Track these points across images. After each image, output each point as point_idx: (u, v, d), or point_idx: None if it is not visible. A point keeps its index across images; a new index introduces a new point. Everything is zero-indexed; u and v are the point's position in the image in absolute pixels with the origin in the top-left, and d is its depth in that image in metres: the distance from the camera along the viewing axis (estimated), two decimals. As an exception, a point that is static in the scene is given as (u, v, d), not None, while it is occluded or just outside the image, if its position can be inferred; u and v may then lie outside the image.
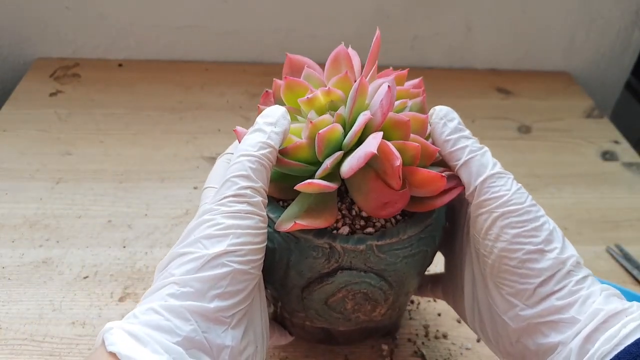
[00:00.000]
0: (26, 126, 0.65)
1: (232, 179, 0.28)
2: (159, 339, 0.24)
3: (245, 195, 0.27)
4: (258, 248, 0.28)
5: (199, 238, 0.27)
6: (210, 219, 0.27)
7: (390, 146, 0.28)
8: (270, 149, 0.29)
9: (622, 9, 0.77)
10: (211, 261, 0.26)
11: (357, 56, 0.34)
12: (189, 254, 0.26)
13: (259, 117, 0.30)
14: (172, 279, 0.26)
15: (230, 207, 0.27)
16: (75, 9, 0.72)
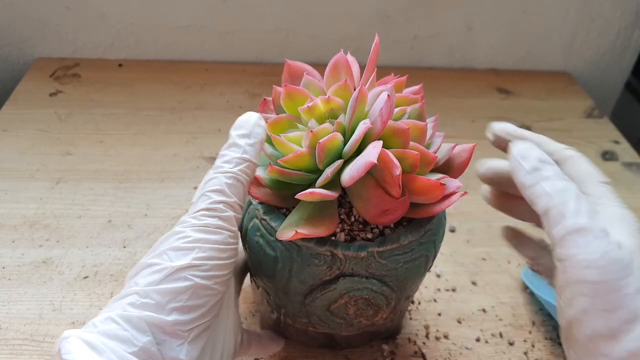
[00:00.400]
0: (26, 126, 0.65)
1: (206, 193, 0.28)
2: (115, 349, 0.24)
3: (217, 209, 0.28)
4: (224, 264, 0.28)
5: (166, 250, 0.27)
6: (180, 231, 0.27)
7: (390, 155, 0.28)
8: (246, 164, 0.29)
9: (622, 9, 0.77)
10: (174, 274, 0.26)
11: (356, 63, 0.34)
12: (155, 265, 0.26)
13: (232, 129, 0.30)
14: (135, 289, 0.26)
15: (200, 220, 0.27)
16: (75, 9, 0.72)
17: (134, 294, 0.26)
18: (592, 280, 0.24)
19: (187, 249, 0.27)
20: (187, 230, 0.27)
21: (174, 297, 0.26)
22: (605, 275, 0.24)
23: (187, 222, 0.28)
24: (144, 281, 0.26)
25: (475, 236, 0.55)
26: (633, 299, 0.24)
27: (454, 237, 0.55)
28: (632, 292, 0.24)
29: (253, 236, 0.34)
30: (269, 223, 0.33)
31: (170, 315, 0.25)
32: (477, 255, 0.53)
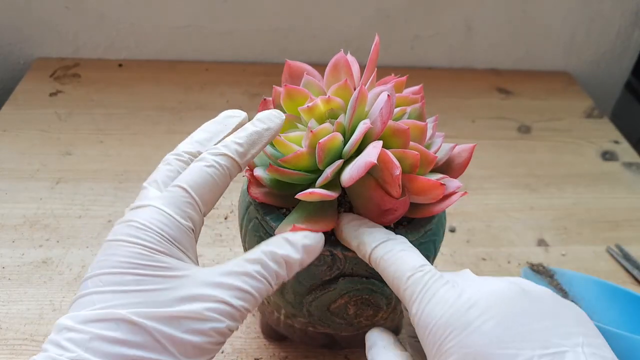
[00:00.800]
0: (26, 126, 0.65)
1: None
2: None
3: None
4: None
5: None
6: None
7: (390, 155, 0.28)
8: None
9: (622, 9, 0.77)
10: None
11: (357, 63, 0.34)
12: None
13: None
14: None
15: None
16: (75, 9, 0.72)
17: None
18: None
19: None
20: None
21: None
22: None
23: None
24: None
25: (475, 236, 0.55)
26: None
27: (454, 237, 0.55)
28: None
29: (253, 236, 0.34)
30: (269, 223, 0.33)
31: None
32: (477, 255, 0.53)
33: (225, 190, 0.30)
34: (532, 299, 0.25)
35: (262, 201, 0.33)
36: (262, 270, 0.27)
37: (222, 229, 0.53)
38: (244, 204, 0.36)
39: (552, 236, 0.56)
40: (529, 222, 0.57)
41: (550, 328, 0.24)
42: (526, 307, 0.25)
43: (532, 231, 0.56)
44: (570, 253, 0.54)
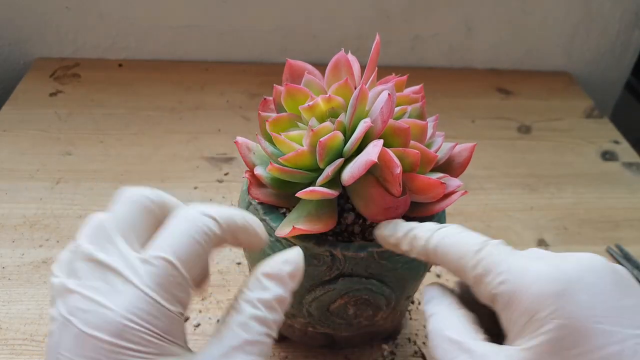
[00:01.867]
0: (26, 126, 0.65)
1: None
2: None
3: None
4: None
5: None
6: None
7: (391, 154, 0.28)
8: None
9: (622, 9, 0.77)
10: None
11: (357, 62, 0.34)
12: None
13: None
14: None
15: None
16: (75, 9, 0.72)
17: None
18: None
19: None
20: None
21: None
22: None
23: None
24: None
25: (476, 236, 0.55)
26: None
27: (454, 237, 0.55)
28: None
29: (253, 236, 0.34)
30: (269, 224, 0.33)
31: None
32: (477, 255, 0.53)
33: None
34: (618, 274, 0.24)
35: (262, 201, 0.33)
36: (260, 328, 0.24)
37: (222, 229, 0.53)
38: (244, 204, 0.36)
39: (552, 236, 0.56)
40: (529, 222, 0.57)
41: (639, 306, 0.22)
42: (616, 281, 0.23)
43: (532, 231, 0.56)
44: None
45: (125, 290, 0.21)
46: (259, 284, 0.24)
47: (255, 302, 0.24)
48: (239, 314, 0.24)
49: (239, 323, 0.23)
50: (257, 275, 0.25)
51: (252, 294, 0.24)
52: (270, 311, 0.24)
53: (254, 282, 0.25)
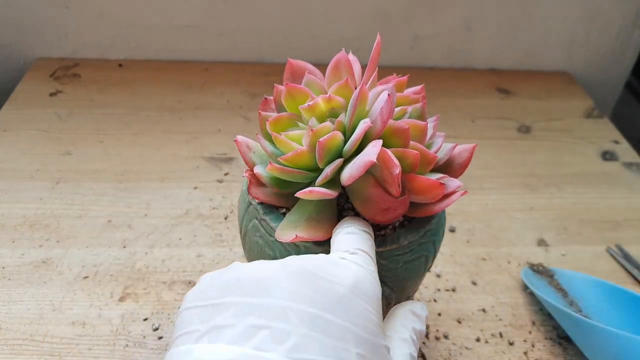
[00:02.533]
0: (26, 126, 0.65)
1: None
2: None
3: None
4: None
5: None
6: None
7: (390, 154, 0.28)
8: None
9: (622, 9, 0.77)
10: None
11: (358, 62, 0.34)
12: None
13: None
14: None
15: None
16: (75, 9, 0.72)
17: None
18: None
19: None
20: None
21: None
22: None
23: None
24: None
25: (475, 236, 0.55)
26: None
27: (454, 237, 0.55)
28: None
29: (252, 236, 0.34)
30: (269, 224, 0.33)
31: None
32: (477, 255, 0.53)
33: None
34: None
35: (262, 201, 0.33)
36: (414, 351, 0.28)
37: (222, 229, 0.53)
38: (244, 204, 0.36)
39: (552, 236, 0.56)
40: (529, 222, 0.58)
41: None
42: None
43: (532, 231, 0.56)
44: (570, 253, 0.54)
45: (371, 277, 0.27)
46: (411, 318, 0.29)
47: (415, 331, 0.29)
48: (400, 331, 0.28)
49: (402, 339, 0.28)
50: (409, 312, 0.30)
51: (409, 324, 0.29)
52: (418, 340, 0.29)
53: (407, 316, 0.29)
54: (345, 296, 0.24)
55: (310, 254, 0.27)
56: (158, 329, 0.43)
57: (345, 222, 0.31)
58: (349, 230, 0.29)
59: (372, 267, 0.28)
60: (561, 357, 0.44)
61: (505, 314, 0.47)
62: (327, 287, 0.24)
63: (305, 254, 0.32)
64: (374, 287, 0.26)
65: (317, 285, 0.24)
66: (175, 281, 0.48)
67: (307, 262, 0.25)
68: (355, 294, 0.24)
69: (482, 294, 0.49)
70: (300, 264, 0.25)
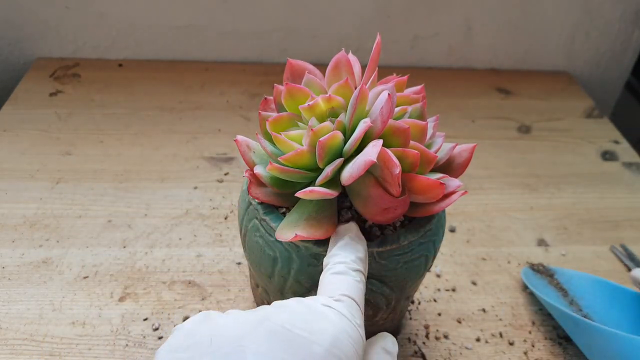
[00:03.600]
0: (26, 126, 0.65)
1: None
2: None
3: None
4: None
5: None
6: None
7: (390, 154, 0.28)
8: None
9: (622, 9, 0.77)
10: None
11: (358, 62, 0.34)
12: None
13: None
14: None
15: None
16: (75, 9, 0.72)
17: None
18: None
19: None
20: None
21: None
22: None
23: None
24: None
25: (475, 236, 0.55)
26: None
27: (454, 237, 0.55)
28: None
29: (252, 236, 0.34)
30: (269, 224, 0.33)
31: None
32: (477, 255, 0.53)
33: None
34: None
35: (262, 201, 0.33)
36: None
37: (222, 229, 0.53)
38: (244, 204, 0.36)
39: (552, 236, 0.56)
40: (529, 222, 0.57)
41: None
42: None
43: (532, 231, 0.56)
44: (570, 253, 0.54)
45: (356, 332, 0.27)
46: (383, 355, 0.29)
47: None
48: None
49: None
50: (378, 349, 0.29)
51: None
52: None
53: (378, 352, 0.29)
54: (323, 358, 0.23)
55: (291, 302, 0.26)
56: (158, 329, 0.43)
57: (336, 251, 0.29)
58: (338, 269, 0.28)
59: (357, 315, 0.26)
60: (561, 357, 0.44)
61: (505, 314, 0.47)
62: (305, 347, 0.23)
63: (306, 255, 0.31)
64: (354, 341, 0.25)
65: (295, 345, 0.23)
66: (175, 281, 0.48)
67: (286, 317, 0.24)
68: (334, 353, 0.23)
69: (482, 294, 0.49)
70: (277, 321, 0.24)
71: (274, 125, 0.32)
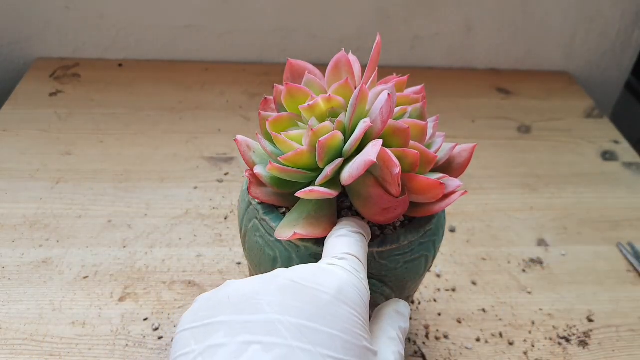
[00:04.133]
0: (26, 126, 0.65)
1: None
2: None
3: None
4: None
5: None
6: None
7: (390, 154, 0.28)
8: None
9: (622, 9, 0.77)
10: None
11: (358, 62, 0.34)
12: None
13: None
14: None
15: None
16: (75, 9, 0.72)
17: None
18: None
19: None
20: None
21: None
22: None
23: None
24: None
25: (475, 236, 0.55)
26: None
27: (454, 237, 0.55)
28: None
29: (252, 236, 0.34)
30: (269, 224, 0.33)
31: None
32: (477, 255, 0.53)
33: None
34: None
35: (262, 201, 0.33)
36: (402, 349, 0.29)
37: (222, 229, 0.53)
38: (244, 204, 0.36)
39: (552, 236, 0.56)
40: (529, 222, 0.58)
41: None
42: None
43: (532, 231, 0.56)
44: (570, 253, 0.54)
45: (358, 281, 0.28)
46: (396, 317, 0.30)
47: (402, 329, 0.30)
48: (388, 331, 0.29)
49: (390, 337, 0.29)
50: (394, 312, 0.30)
51: (393, 322, 0.30)
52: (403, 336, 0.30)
53: (390, 314, 0.30)
54: (331, 303, 0.25)
55: (297, 265, 0.28)
56: (158, 329, 0.43)
57: (339, 224, 0.31)
58: (341, 232, 0.30)
59: (360, 269, 0.28)
60: (561, 357, 0.44)
61: (505, 314, 0.47)
62: (314, 295, 0.25)
63: (306, 255, 0.32)
64: (359, 290, 0.27)
65: (304, 295, 0.25)
66: (175, 281, 0.48)
67: (294, 273, 0.26)
68: (340, 299, 0.25)
69: (482, 294, 0.49)
70: (287, 276, 0.26)
71: (274, 125, 0.32)
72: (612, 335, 0.46)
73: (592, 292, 0.50)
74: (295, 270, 0.27)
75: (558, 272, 0.52)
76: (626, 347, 0.46)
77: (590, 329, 0.47)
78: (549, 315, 0.48)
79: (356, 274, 0.27)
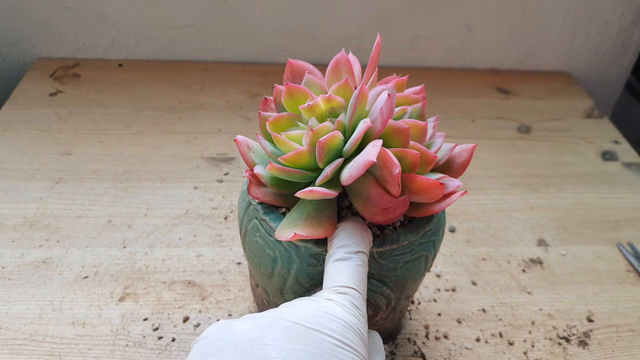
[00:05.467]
0: (26, 126, 0.65)
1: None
2: None
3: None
4: None
5: None
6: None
7: (390, 154, 0.28)
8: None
9: (622, 9, 0.77)
10: None
11: (358, 62, 0.34)
12: None
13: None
14: None
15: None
16: (75, 9, 0.72)
17: None
18: None
19: None
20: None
21: None
22: None
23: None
24: None
25: (475, 236, 0.55)
26: None
27: (454, 237, 0.55)
28: None
29: (252, 236, 0.34)
30: (269, 224, 0.33)
31: None
32: (477, 255, 0.53)
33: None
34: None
35: (262, 201, 0.33)
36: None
37: (222, 229, 0.53)
38: (244, 204, 0.36)
39: (552, 236, 0.56)
40: (529, 222, 0.58)
41: None
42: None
43: (532, 231, 0.56)
44: (570, 253, 0.54)
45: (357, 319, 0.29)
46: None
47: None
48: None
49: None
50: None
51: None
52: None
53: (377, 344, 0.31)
54: (335, 347, 0.26)
55: (298, 302, 0.28)
56: (158, 329, 0.43)
57: (339, 229, 0.31)
58: (340, 255, 0.30)
59: (361, 305, 0.28)
60: (561, 357, 0.44)
61: (505, 314, 0.47)
62: (318, 339, 0.26)
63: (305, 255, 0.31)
64: (361, 333, 0.27)
65: (308, 339, 0.25)
66: (175, 281, 0.48)
67: (297, 314, 0.27)
68: (344, 343, 0.26)
69: (482, 294, 0.49)
70: (290, 318, 0.26)
71: (274, 125, 0.32)
72: (612, 336, 0.46)
73: (592, 292, 0.50)
74: (297, 310, 0.27)
75: (558, 272, 0.52)
76: (626, 347, 0.46)
77: (590, 329, 0.47)
78: (549, 315, 0.48)
79: (356, 312, 0.28)
